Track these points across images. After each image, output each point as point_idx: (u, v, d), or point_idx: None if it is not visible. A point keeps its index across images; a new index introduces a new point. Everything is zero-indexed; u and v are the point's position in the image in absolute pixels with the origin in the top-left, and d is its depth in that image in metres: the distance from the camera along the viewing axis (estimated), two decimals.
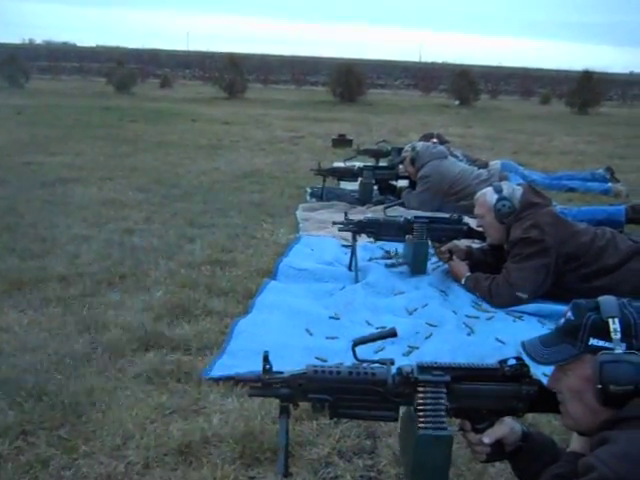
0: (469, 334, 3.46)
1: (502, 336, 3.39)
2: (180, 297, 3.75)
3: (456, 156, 7.11)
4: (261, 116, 15.79)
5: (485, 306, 3.81)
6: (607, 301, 1.71)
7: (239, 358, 3.03)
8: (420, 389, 1.84)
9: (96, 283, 3.98)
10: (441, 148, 6.56)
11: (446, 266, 4.25)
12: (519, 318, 3.68)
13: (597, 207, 5.98)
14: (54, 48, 65.21)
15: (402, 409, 1.91)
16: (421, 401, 1.83)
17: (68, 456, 2.31)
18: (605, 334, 1.65)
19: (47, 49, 58.51)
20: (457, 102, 23.78)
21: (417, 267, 4.24)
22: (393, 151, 7.53)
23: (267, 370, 1.84)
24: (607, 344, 1.64)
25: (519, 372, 1.89)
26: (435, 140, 7.57)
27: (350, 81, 22.15)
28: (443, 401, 1.83)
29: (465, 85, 23.90)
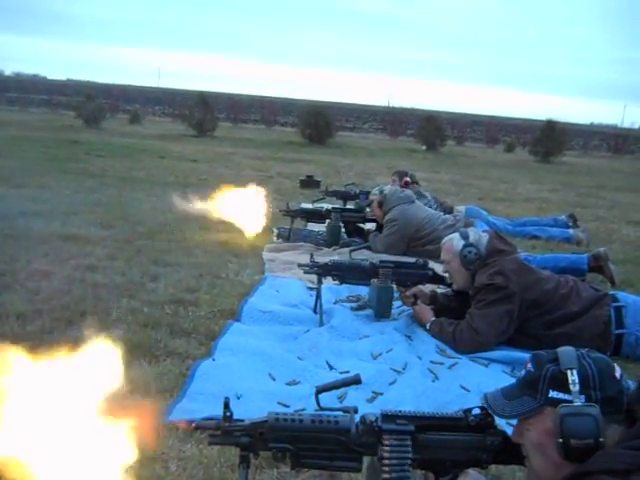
0: (433, 380, 3.44)
1: (466, 383, 3.37)
2: (141, 337, 3.67)
3: (425, 197, 7.19)
4: (230, 155, 15.83)
5: (449, 352, 3.80)
6: (566, 352, 1.70)
7: (199, 402, 2.96)
8: (384, 439, 1.80)
9: (55, 320, 3.88)
10: (408, 192, 6.61)
11: (411, 311, 4.24)
12: (483, 365, 3.68)
13: (560, 255, 6.05)
14: (23, 80, 64.92)
15: (366, 459, 1.87)
16: (386, 451, 1.79)
17: None
18: (564, 386, 1.64)
19: (16, 80, 58.22)
20: (424, 147, 24.16)
21: (382, 311, 4.23)
22: (361, 194, 7.58)
23: (227, 417, 1.79)
24: (566, 396, 1.64)
25: (484, 422, 1.87)
26: (408, 179, 7.67)
27: (319, 123, 22.37)
28: (408, 451, 1.80)
29: (432, 130, 24.33)
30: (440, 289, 4.47)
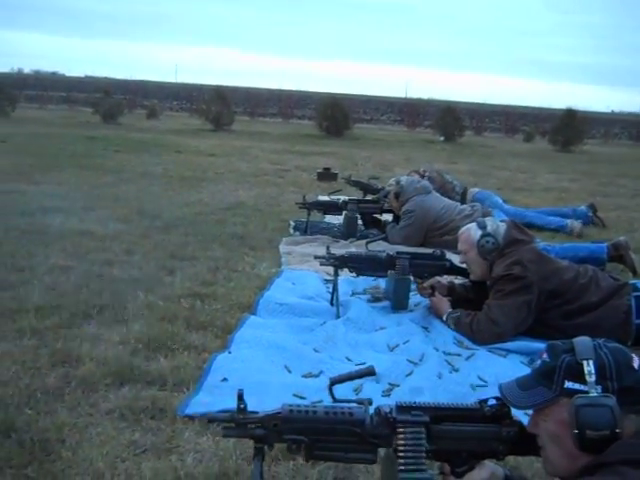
0: (451, 372, 3.41)
1: (484, 374, 3.35)
2: (158, 331, 3.68)
3: (450, 181, 7.22)
4: (247, 148, 15.84)
5: (467, 343, 3.77)
6: (582, 342, 1.68)
7: (215, 395, 2.96)
8: (399, 430, 1.79)
9: (72, 315, 3.90)
10: (425, 183, 6.57)
11: (428, 302, 4.21)
12: (501, 356, 3.64)
13: (580, 244, 5.99)
14: (42, 77, 65.32)
15: (381, 451, 1.85)
16: (400, 442, 1.77)
17: None
18: (580, 377, 1.62)
19: (35, 78, 58.60)
20: (442, 138, 24.03)
21: (399, 303, 4.21)
22: (382, 190, 7.49)
23: (241, 410, 1.78)
24: (582, 387, 1.61)
25: (500, 413, 1.85)
26: (425, 169, 7.71)
27: (336, 115, 22.34)
28: (423, 442, 1.78)
29: (450, 121, 24.19)
30: (457, 280, 4.43)
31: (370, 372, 1.93)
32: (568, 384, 1.63)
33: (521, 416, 1.98)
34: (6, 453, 2.43)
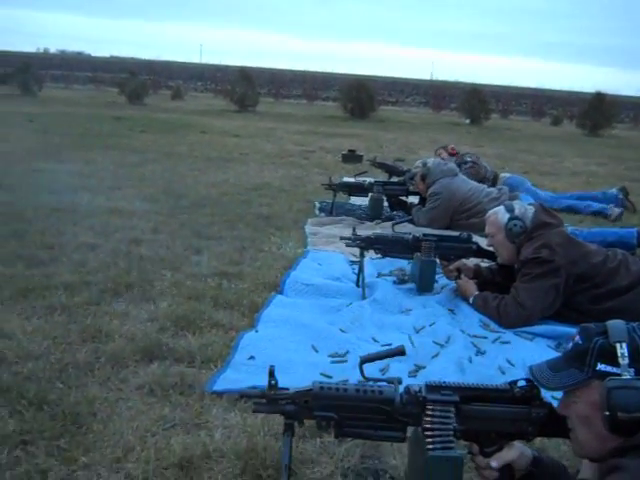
0: (477, 354, 3.41)
1: (511, 357, 3.34)
2: (185, 309, 3.72)
3: (466, 162, 7.19)
4: (271, 130, 15.82)
5: (493, 326, 3.76)
6: (615, 325, 1.67)
7: (243, 372, 2.99)
8: (428, 409, 1.80)
9: (101, 292, 3.95)
10: (452, 165, 6.53)
11: (454, 285, 4.20)
12: (528, 339, 3.63)
13: (608, 229, 5.93)
14: (68, 57, 65.78)
15: (409, 431, 1.86)
16: (429, 421, 1.78)
17: (67, 467, 2.27)
18: (613, 359, 1.62)
19: (61, 58, 59.02)
20: (468, 121, 23.80)
21: (424, 285, 4.20)
22: (407, 172, 7.46)
23: (272, 386, 1.80)
24: (615, 369, 1.61)
25: (529, 394, 1.85)
26: (453, 145, 7.70)
27: (361, 97, 22.19)
28: (451, 422, 1.79)
29: (476, 104, 23.93)
30: (484, 263, 4.42)
31: (400, 352, 1.94)
32: (600, 366, 1.63)
33: (550, 398, 1.98)
34: (39, 425, 2.48)
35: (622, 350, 1.61)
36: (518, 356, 3.35)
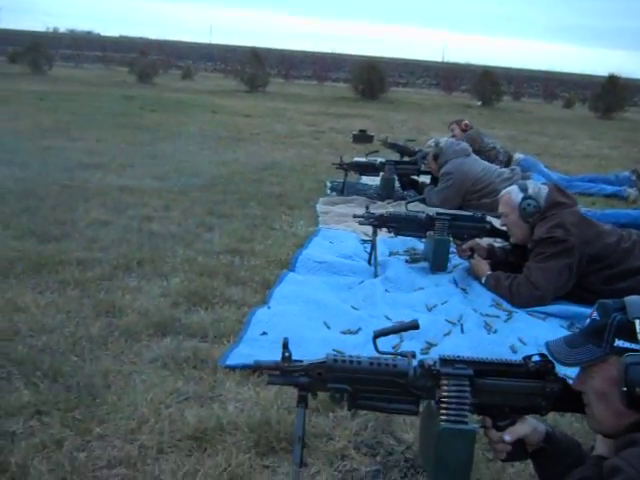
0: (489, 333, 3.40)
1: (523, 336, 3.34)
2: (198, 285, 3.73)
3: (487, 142, 7.18)
4: (282, 110, 15.76)
5: (506, 305, 3.75)
6: (634, 301, 1.66)
7: (255, 347, 3.00)
8: (442, 382, 1.79)
9: (114, 268, 3.96)
10: (465, 145, 6.49)
11: (467, 264, 4.19)
12: (540, 319, 3.62)
13: (621, 211, 5.90)
14: (78, 37, 65.63)
15: (422, 405, 1.86)
16: (444, 394, 1.78)
17: (82, 438, 2.29)
18: (631, 335, 1.60)
19: (71, 38, 58.87)
20: (479, 103, 23.63)
21: (437, 264, 4.19)
22: (419, 152, 7.41)
23: (286, 358, 1.80)
24: (633, 345, 1.60)
25: (543, 369, 1.84)
26: (467, 122, 7.66)
27: (372, 78, 22.05)
28: (466, 395, 1.79)
29: (488, 86, 23.74)
30: (497, 243, 4.40)
31: (414, 326, 1.93)
32: (618, 342, 1.62)
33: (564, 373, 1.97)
34: (54, 396, 2.50)
35: None
36: (530, 335, 3.35)
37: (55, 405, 2.45)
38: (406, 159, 7.28)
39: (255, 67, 23.01)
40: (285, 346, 1.80)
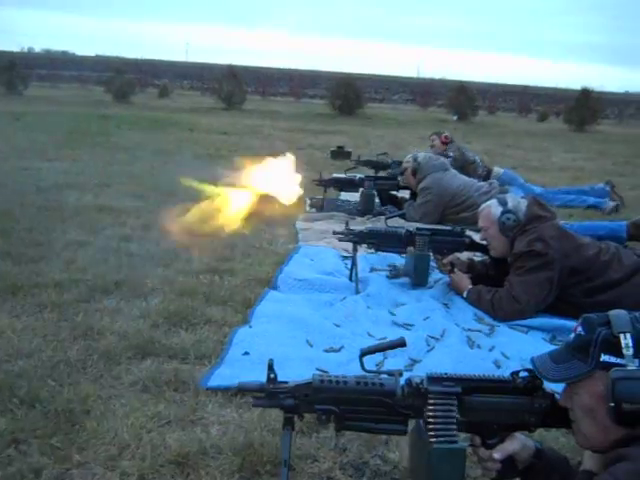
0: (472, 348, 3.39)
1: (506, 350, 3.33)
2: (178, 305, 3.68)
3: (468, 156, 7.19)
4: (259, 127, 15.76)
5: (487, 319, 3.75)
6: (618, 316, 1.65)
7: (238, 368, 2.95)
8: (430, 401, 1.77)
9: (91, 289, 3.90)
10: (443, 160, 6.52)
11: (448, 279, 4.19)
12: (522, 332, 3.62)
13: (598, 223, 5.94)
14: (53, 57, 65.26)
15: (411, 424, 1.84)
16: (431, 413, 1.76)
17: (61, 466, 2.23)
18: (617, 350, 1.59)
19: (46, 58, 58.52)
20: (455, 117, 23.84)
21: (419, 279, 4.18)
22: (393, 164, 7.49)
23: (271, 379, 1.77)
24: (619, 360, 1.59)
25: (531, 385, 1.83)
26: (447, 134, 7.70)
27: (349, 94, 22.20)
28: (454, 413, 1.76)
29: (463, 100, 23.99)
30: (477, 257, 4.40)
31: (401, 343, 1.91)
32: (604, 357, 1.61)
33: (552, 389, 1.96)
34: (31, 423, 2.44)
35: (626, 341, 1.59)
36: (513, 349, 3.34)
37: (33, 432, 2.39)
38: (382, 174, 7.30)
39: (232, 84, 23.03)
40: (270, 367, 1.77)
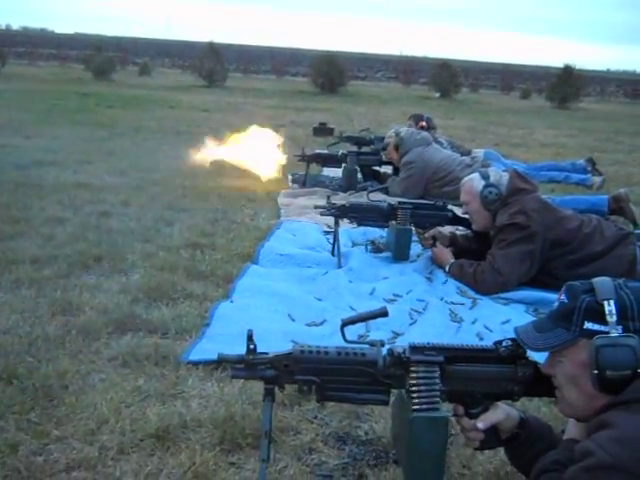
0: (455, 320, 3.38)
1: (488, 323, 3.33)
2: (158, 280, 3.63)
3: (441, 143, 7.04)
4: (241, 104, 15.61)
5: (470, 293, 3.74)
6: (602, 283, 1.64)
7: (218, 342, 2.91)
8: (412, 370, 1.75)
9: (70, 265, 3.84)
10: (425, 134, 6.48)
11: (430, 253, 4.17)
12: (505, 305, 3.62)
13: (580, 197, 5.95)
14: (31, 34, 64.32)
15: (393, 395, 1.82)
16: (414, 382, 1.74)
17: (38, 441, 2.19)
18: (600, 317, 1.58)
19: (24, 35, 57.65)
20: (437, 94, 23.77)
21: (400, 253, 4.16)
22: (376, 140, 7.43)
23: (251, 350, 1.74)
24: (603, 327, 1.57)
25: (515, 353, 1.81)
26: (424, 123, 7.57)
27: (331, 72, 22.02)
28: (437, 382, 1.75)
29: (446, 78, 23.89)
30: (459, 231, 4.39)
31: (383, 313, 1.88)
32: (588, 325, 1.59)
33: (535, 357, 1.95)
34: (8, 399, 2.39)
35: (610, 307, 1.57)
36: (496, 322, 3.34)
37: (9, 408, 2.35)
38: (366, 149, 7.25)
39: (213, 62, 22.77)
40: (250, 338, 1.74)
